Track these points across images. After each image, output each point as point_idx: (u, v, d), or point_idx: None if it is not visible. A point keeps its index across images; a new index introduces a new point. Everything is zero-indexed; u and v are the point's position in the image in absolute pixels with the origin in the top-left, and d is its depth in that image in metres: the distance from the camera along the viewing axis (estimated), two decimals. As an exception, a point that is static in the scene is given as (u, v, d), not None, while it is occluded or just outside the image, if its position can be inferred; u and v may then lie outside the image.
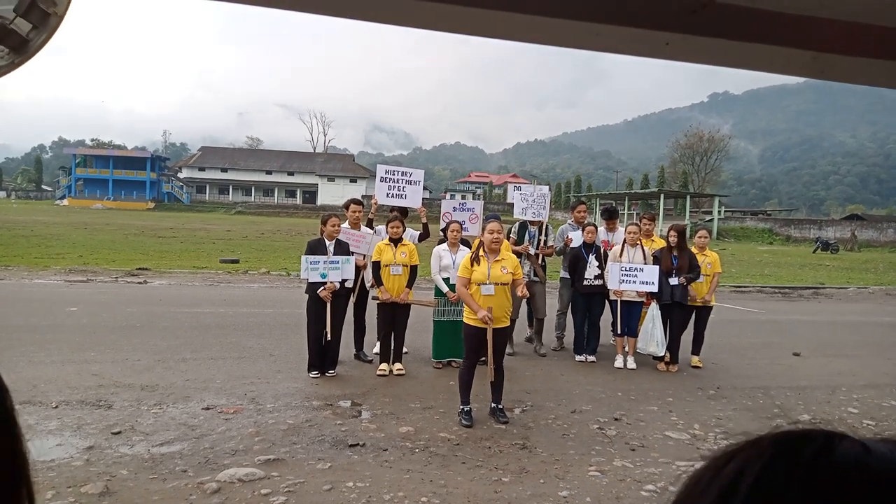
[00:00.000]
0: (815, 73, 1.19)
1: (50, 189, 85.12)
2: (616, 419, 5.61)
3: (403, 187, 7.63)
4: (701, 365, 7.73)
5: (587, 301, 7.90)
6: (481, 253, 5.48)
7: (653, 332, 7.39)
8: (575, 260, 7.95)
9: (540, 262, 8.11)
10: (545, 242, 8.11)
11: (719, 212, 52.57)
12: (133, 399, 5.50)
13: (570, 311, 8.25)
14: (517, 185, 9.38)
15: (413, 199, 7.67)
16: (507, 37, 1.04)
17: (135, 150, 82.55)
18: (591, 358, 7.81)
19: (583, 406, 5.96)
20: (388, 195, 7.59)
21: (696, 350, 7.84)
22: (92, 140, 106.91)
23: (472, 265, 5.42)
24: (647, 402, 6.19)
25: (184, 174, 78.11)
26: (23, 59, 0.81)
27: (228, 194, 75.58)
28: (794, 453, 0.39)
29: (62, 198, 68.90)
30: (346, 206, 7.64)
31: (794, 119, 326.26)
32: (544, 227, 8.14)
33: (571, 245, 8.15)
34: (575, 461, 4.61)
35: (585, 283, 7.82)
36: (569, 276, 8.20)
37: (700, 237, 8.04)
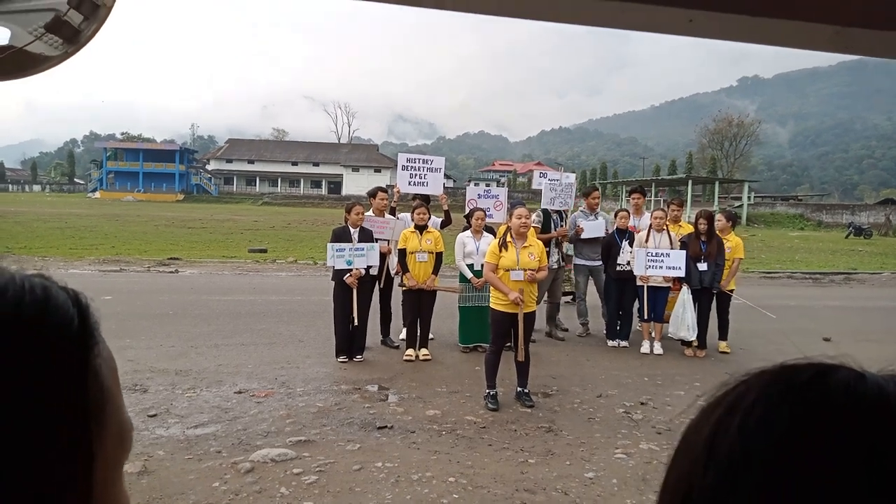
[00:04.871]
0: (839, 48, 1.19)
1: (82, 182, 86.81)
2: (642, 403, 5.61)
3: (425, 175, 7.69)
4: (729, 350, 7.66)
5: (620, 287, 7.88)
6: (509, 239, 5.49)
7: (683, 317, 7.34)
8: (608, 245, 7.93)
9: (564, 249, 8.15)
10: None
11: (749, 197, 51.59)
12: (168, 383, 5.66)
13: (591, 297, 8.28)
14: (543, 172, 9.34)
15: (434, 186, 7.73)
16: (529, 16, 1.06)
17: (164, 143, 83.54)
18: (624, 343, 7.81)
19: (609, 390, 5.97)
20: (409, 183, 7.67)
21: (723, 335, 7.77)
22: (122, 134, 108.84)
23: (500, 251, 5.44)
24: (674, 387, 6.17)
25: (212, 166, 78.96)
26: (75, 49, 0.86)
27: (255, 185, 76.24)
28: (790, 379, 0.41)
29: (94, 190, 70.18)
30: (373, 195, 7.67)
31: (827, 102, 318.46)
32: (566, 214, 8.27)
33: (583, 235, 8.10)
34: (601, 444, 4.63)
35: (619, 268, 7.80)
36: (583, 263, 8.29)
37: (716, 220, 7.88)
